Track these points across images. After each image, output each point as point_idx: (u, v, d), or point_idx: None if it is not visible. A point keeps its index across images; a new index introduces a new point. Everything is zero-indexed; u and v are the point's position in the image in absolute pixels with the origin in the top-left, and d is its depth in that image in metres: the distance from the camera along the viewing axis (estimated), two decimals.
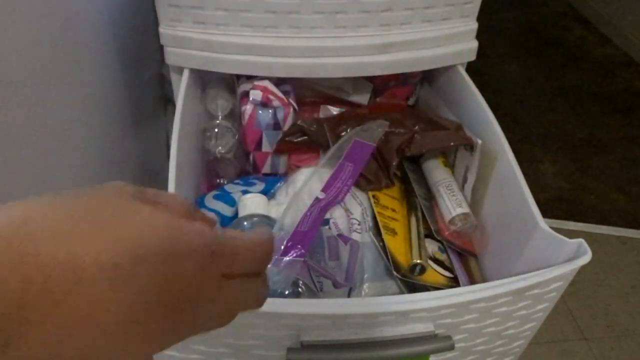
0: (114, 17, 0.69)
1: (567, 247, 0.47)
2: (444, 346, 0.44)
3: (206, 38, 0.62)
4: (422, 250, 0.58)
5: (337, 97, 0.76)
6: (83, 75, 0.59)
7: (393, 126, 0.66)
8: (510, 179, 0.55)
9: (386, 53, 0.65)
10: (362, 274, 0.55)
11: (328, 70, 0.65)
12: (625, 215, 1.54)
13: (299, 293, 0.54)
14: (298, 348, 0.43)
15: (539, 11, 2.54)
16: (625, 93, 2.03)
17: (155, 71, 0.87)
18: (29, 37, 0.46)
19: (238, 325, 0.43)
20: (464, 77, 0.67)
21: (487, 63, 2.10)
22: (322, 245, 0.57)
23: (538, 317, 0.50)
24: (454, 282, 0.59)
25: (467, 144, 0.63)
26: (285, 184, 0.66)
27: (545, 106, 1.95)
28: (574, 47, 2.28)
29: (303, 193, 0.60)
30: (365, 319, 0.43)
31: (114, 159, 0.69)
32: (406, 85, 0.77)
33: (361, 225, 0.59)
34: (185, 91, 0.60)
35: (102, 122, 0.65)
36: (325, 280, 0.54)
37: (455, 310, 0.43)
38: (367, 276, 0.56)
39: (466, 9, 0.66)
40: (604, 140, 1.80)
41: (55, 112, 0.52)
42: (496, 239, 0.60)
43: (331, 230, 0.59)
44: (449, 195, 0.63)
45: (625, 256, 1.43)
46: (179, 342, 0.22)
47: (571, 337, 1.25)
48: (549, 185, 1.63)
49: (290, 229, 0.53)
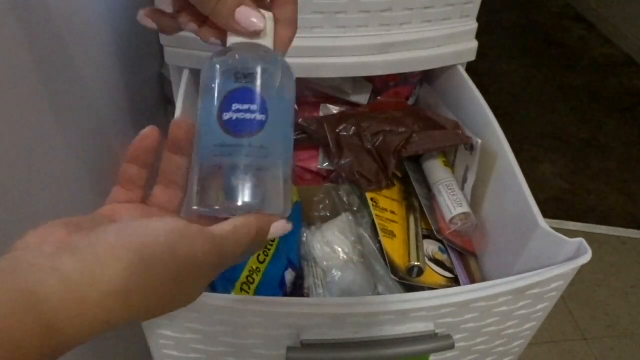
0: (114, 17, 0.69)
1: (567, 246, 0.47)
2: (444, 345, 0.44)
3: None
4: (420, 252, 0.58)
5: (337, 97, 0.76)
6: (82, 75, 0.59)
7: (393, 125, 0.66)
8: (510, 179, 0.55)
9: (386, 53, 0.65)
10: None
11: (328, 70, 0.65)
12: (625, 215, 1.54)
13: (302, 294, 0.54)
14: (298, 347, 0.43)
15: (539, 11, 2.54)
16: (625, 93, 2.03)
17: (155, 71, 0.87)
18: (29, 37, 0.46)
19: (238, 325, 0.43)
20: (464, 77, 0.67)
21: (487, 63, 2.10)
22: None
23: (538, 317, 0.50)
24: (453, 282, 0.60)
25: (465, 143, 0.63)
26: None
27: (545, 106, 1.95)
28: (574, 47, 2.28)
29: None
30: (365, 318, 0.43)
31: (114, 159, 0.69)
32: (406, 85, 0.77)
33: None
34: (185, 91, 0.60)
35: (102, 122, 0.65)
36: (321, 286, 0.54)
37: (456, 309, 0.43)
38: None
39: (466, 9, 0.66)
40: (604, 140, 1.80)
41: (55, 112, 0.52)
42: (496, 239, 0.60)
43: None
44: (449, 195, 0.63)
45: (625, 256, 1.43)
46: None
47: (571, 337, 1.25)
48: (549, 185, 1.63)
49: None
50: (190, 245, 0.25)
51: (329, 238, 0.60)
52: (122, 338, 0.74)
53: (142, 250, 0.23)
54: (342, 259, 0.58)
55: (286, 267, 0.58)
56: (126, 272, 0.22)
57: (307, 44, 0.63)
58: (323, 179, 0.70)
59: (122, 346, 0.75)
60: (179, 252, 0.24)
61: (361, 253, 0.59)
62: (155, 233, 0.24)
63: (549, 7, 2.57)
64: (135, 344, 0.68)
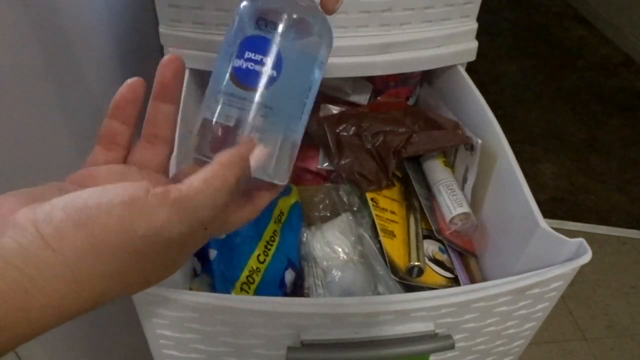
0: (114, 17, 0.69)
1: (568, 246, 0.47)
2: (444, 345, 0.44)
3: (206, 38, 0.62)
4: (420, 252, 0.58)
5: (337, 97, 0.76)
6: (82, 75, 0.59)
7: (393, 125, 0.66)
8: (510, 179, 0.55)
9: (386, 53, 0.65)
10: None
11: (328, 70, 0.65)
12: (625, 215, 1.54)
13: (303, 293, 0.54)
14: (298, 347, 0.43)
15: (538, 11, 2.54)
16: (625, 93, 2.03)
17: (155, 71, 0.87)
18: (28, 37, 0.46)
19: (238, 324, 0.43)
20: (464, 77, 0.67)
21: (487, 63, 2.10)
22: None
23: (538, 317, 0.50)
24: (453, 282, 0.60)
25: (465, 143, 0.63)
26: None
27: (545, 106, 1.95)
28: (574, 47, 2.28)
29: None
30: (365, 318, 0.43)
31: None
32: (406, 85, 0.77)
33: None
34: (185, 91, 0.60)
35: (102, 122, 0.65)
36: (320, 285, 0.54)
37: (456, 309, 0.43)
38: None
39: (466, 9, 0.66)
40: (604, 140, 1.80)
41: (55, 112, 0.52)
42: (496, 239, 0.60)
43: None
44: (449, 195, 0.63)
45: (625, 256, 1.43)
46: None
47: (571, 337, 1.25)
48: (549, 185, 1.63)
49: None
50: (149, 219, 0.21)
51: (329, 238, 0.60)
52: (122, 338, 0.74)
53: (92, 227, 0.20)
54: (342, 259, 0.58)
55: (286, 267, 0.58)
56: (75, 252, 0.20)
57: None
58: (323, 179, 0.70)
59: (122, 346, 0.75)
60: (135, 226, 0.21)
61: (361, 253, 0.59)
62: (108, 207, 0.21)
63: (549, 7, 2.57)
64: (135, 344, 0.68)
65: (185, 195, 0.23)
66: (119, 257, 0.21)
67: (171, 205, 0.22)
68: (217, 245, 0.55)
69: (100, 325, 0.64)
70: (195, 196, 0.23)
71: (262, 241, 0.57)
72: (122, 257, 0.21)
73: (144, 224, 0.21)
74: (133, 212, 0.21)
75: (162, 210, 0.22)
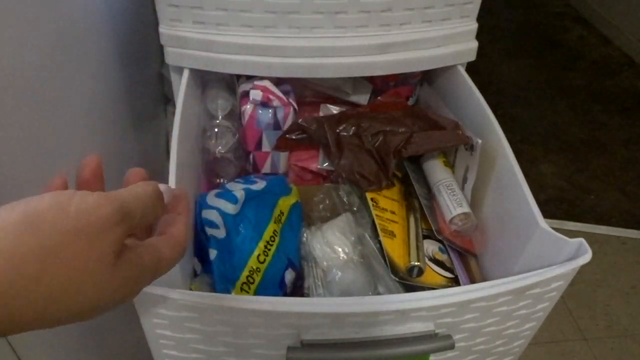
0: (114, 17, 0.69)
1: (568, 246, 0.47)
2: (444, 345, 0.44)
3: (206, 38, 0.62)
4: (420, 252, 0.58)
5: (337, 97, 0.76)
6: (83, 75, 0.59)
7: (393, 125, 0.66)
8: (510, 179, 0.55)
9: (386, 53, 0.65)
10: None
11: (328, 70, 0.65)
12: (625, 215, 1.54)
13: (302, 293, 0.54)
14: (298, 347, 0.43)
15: (539, 11, 2.54)
16: (625, 93, 2.03)
17: (155, 71, 0.87)
18: (29, 37, 0.46)
19: (238, 324, 0.43)
20: (464, 77, 0.67)
21: (487, 63, 2.10)
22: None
23: (538, 317, 0.50)
24: (453, 282, 0.60)
25: (465, 143, 0.63)
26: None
27: (545, 106, 1.95)
28: (574, 48, 2.28)
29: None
30: (365, 318, 0.43)
31: (114, 159, 0.69)
32: (406, 85, 0.77)
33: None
34: (185, 91, 0.60)
35: (102, 122, 0.65)
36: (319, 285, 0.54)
37: (456, 309, 0.43)
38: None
39: (466, 9, 0.66)
40: (604, 141, 1.80)
41: (55, 112, 0.52)
42: (496, 239, 0.60)
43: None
44: (449, 195, 0.63)
45: (625, 256, 1.43)
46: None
47: (571, 337, 1.25)
48: (549, 185, 1.63)
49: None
50: (79, 201, 0.23)
51: (329, 238, 0.60)
52: (122, 338, 0.74)
53: (25, 209, 0.22)
54: (342, 259, 0.58)
55: (286, 267, 0.58)
56: (12, 228, 0.21)
57: (307, 44, 0.63)
58: (323, 179, 0.70)
59: (122, 346, 0.75)
60: (68, 207, 0.23)
61: (361, 253, 0.59)
62: (40, 196, 0.23)
63: (549, 7, 2.56)
64: (135, 344, 0.68)
65: (114, 192, 0.26)
66: (54, 235, 0.22)
67: (99, 194, 0.25)
68: (217, 245, 0.55)
69: (100, 325, 0.64)
70: (123, 192, 0.26)
71: (262, 241, 0.57)
72: (57, 236, 0.22)
73: (75, 202, 0.23)
74: (65, 197, 0.23)
75: (92, 195, 0.24)
